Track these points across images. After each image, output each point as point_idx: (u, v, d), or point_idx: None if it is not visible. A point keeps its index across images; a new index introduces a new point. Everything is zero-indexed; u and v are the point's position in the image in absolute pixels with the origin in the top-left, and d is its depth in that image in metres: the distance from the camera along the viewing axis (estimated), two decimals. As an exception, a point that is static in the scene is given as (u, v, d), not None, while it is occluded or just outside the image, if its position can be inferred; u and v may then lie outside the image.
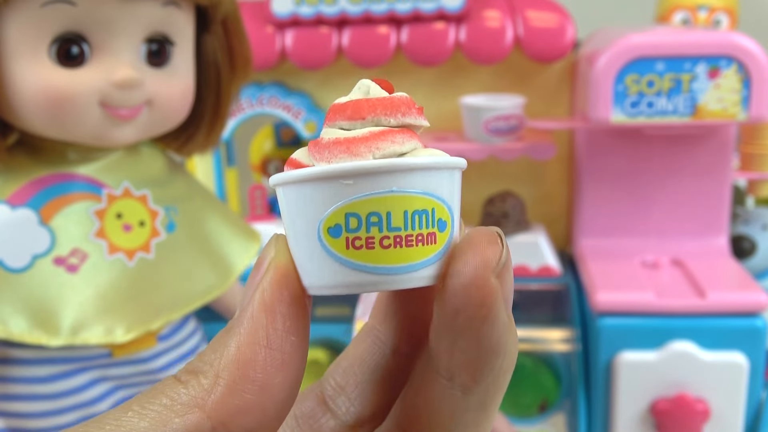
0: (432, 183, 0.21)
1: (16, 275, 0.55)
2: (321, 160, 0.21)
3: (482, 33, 0.81)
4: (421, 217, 0.20)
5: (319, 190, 0.20)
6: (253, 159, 1.00)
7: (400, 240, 0.20)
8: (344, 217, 0.20)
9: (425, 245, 0.21)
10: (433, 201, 0.21)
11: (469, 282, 0.20)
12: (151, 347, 0.60)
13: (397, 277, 0.21)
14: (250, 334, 0.20)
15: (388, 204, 0.20)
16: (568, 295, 0.80)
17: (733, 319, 0.70)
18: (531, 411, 0.79)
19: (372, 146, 0.21)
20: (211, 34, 0.60)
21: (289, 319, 0.21)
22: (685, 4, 0.95)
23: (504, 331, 0.20)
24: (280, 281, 0.21)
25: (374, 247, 0.20)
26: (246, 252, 0.65)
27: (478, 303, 0.19)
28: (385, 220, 0.20)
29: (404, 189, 0.20)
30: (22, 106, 0.53)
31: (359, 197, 0.20)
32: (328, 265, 0.21)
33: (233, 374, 0.20)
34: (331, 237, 0.20)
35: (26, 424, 0.58)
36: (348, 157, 0.21)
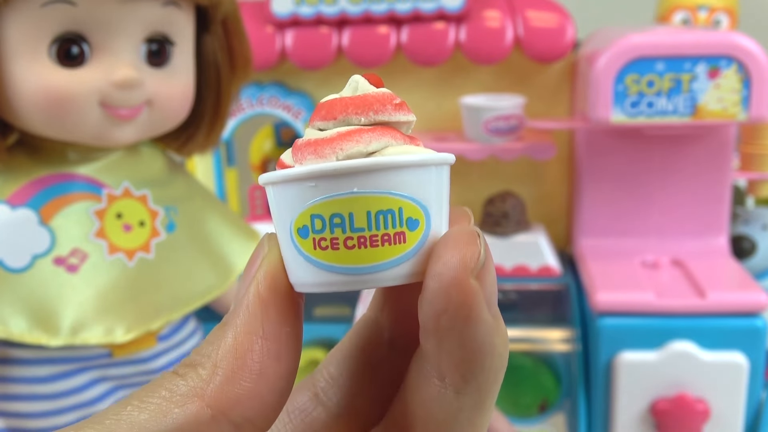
0: (398, 182, 0.20)
1: (16, 275, 0.55)
2: (296, 161, 0.21)
3: (482, 33, 0.81)
4: (386, 216, 0.20)
5: (288, 192, 0.21)
6: (253, 159, 1.00)
7: (364, 240, 0.20)
8: (310, 218, 0.20)
9: (392, 245, 0.20)
10: (400, 200, 0.20)
11: (448, 284, 0.19)
12: (151, 347, 0.60)
13: (365, 277, 0.21)
14: (246, 325, 0.21)
15: (349, 205, 0.20)
16: (568, 295, 0.80)
17: (733, 319, 0.70)
18: (531, 411, 0.79)
19: (336, 147, 0.21)
20: (211, 34, 0.60)
21: (283, 310, 0.21)
22: (685, 4, 0.95)
23: (489, 331, 0.20)
24: (273, 275, 0.22)
25: (339, 248, 0.20)
26: (246, 252, 0.65)
27: (458, 305, 0.19)
28: (348, 221, 0.20)
29: (365, 190, 0.20)
30: (22, 106, 0.53)
31: (321, 199, 0.20)
32: (303, 264, 0.21)
33: (231, 363, 0.21)
34: (301, 237, 0.21)
35: (26, 424, 0.58)
36: (315, 158, 0.21)
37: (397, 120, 0.22)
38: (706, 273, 0.75)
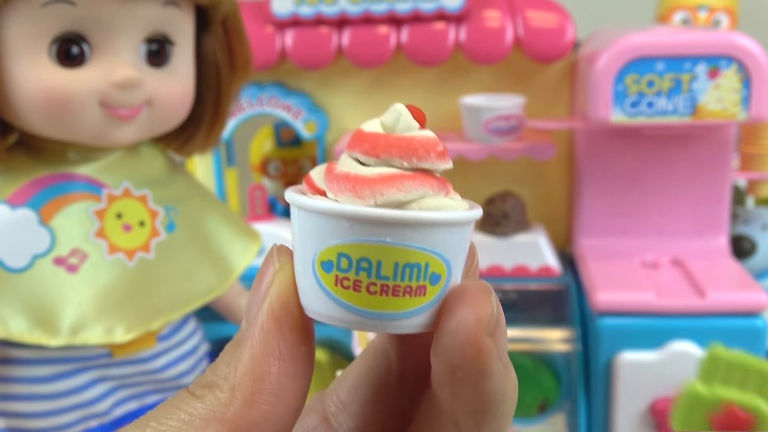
0: (430, 238, 0.20)
1: (16, 275, 0.55)
2: (330, 190, 0.21)
3: (482, 33, 0.81)
4: (412, 269, 0.20)
5: (318, 222, 0.21)
6: (253, 159, 1.00)
7: (387, 289, 0.20)
8: (337, 255, 0.20)
9: (412, 297, 0.21)
10: (428, 255, 0.20)
11: (463, 342, 0.20)
12: (151, 347, 0.60)
13: (380, 322, 0.21)
14: (262, 346, 0.21)
15: (379, 253, 0.20)
16: (568, 295, 0.80)
17: (733, 319, 0.70)
18: (531, 411, 0.79)
19: (376, 191, 0.20)
20: (211, 34, 0.60)
21: (298, 330, 0.21)
22: (685, 4, 0.95)
23: (502, 382, 0.21)
24: (286, 294, 0.22)
25: (361, 290, 0.20)
26: (246, 252, 0.65)
27: (473, 361, 0.20)
28: (375, 267, 0.20)
29: (398, 241, 0.20)
30: (22, 106, 0.53)
31: (353, 241, 0.20)
32: (319, 295, 0.21)
33: (250, 387, 0.21)
34: (324, 271, 0.21)
35: (26, 424, 0.58)
36: (352, 196, 0.20)
37: (437, 168, 0.22)
38: (706, 273, 0.75)
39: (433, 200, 0.21)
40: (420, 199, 0.21)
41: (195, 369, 0.65)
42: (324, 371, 0.82)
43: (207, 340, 0.68)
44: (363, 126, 0.22)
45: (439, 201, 0.21)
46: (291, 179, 0.99)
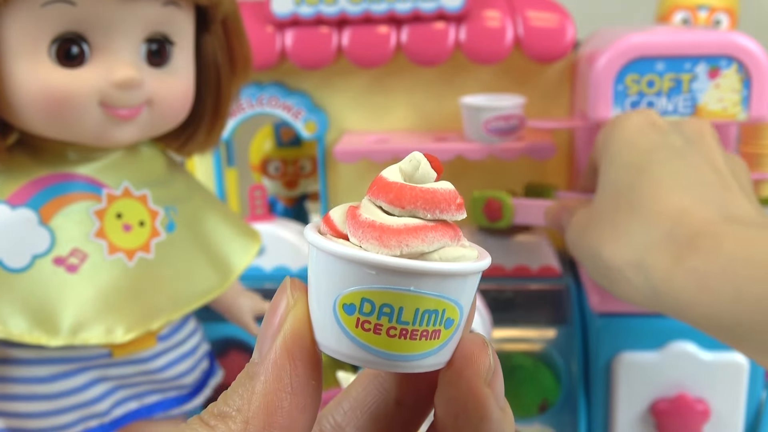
0: (450, 287, 0.22)
1: (15, 275, 0.55)
2: (353, 236, 0.22)
3: (482, 33, 0.81)
4: (430, 316, 0.22)
5: (343, 267, 0.22)
6: (253, 159, 1.00)
7: (406, 333, 0.22)
8: (360, 300, 0.22)
9: (428, 340, 0.22)
10: (445, 302, 0.22)
11: (465, 393, 0.23)
12: (151, 347, 0.60)
13: (396, 363, 0.22)
14: (275, 381, 0.22)
15: (402, 300, 0.21)
16: (568, 295, 0.80)
17: (733, 319, 0.70)
18: (531, 411, 0.79)
19: (402, 242, 0.21)
20: (211, 34, 0.60)
21: (309, 364, 0.22)
22: (685, 4, 0.95)
23: (499, 423, 0.23)
24: (301, 330, 0.22)
25: (381, 333, 0.22)
26: (246, 252, 0.65)
27: (473, 409, 0.23)
28: (396, 313, 0.21)
29: (420, 290, 0.21)
30: (21, 106, 0.53)
31: (377, 288, 0.21)
32: (337, 334, 0.22)
33: (263, 420, 0.21)
34: (345, 313, 0.22)
35: (26, 424, 0.58)
36: (378, 245, 0.22)
37: (454, 219, 0.23)
38: (706, 273, 0.75)
39: (451, 251, 0.22)
40: (440, 249, 0.22)
41: (195, 369, 0.65)
42: (326, 372, 0.82)
43: (207, 340, 0.68)
44: (384, 174, 0.23)
45: (456, 251, 0.23)
46: (291, 179, 0.99)
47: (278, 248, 0.83)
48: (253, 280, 0.79)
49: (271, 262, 0.83)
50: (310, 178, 0.99)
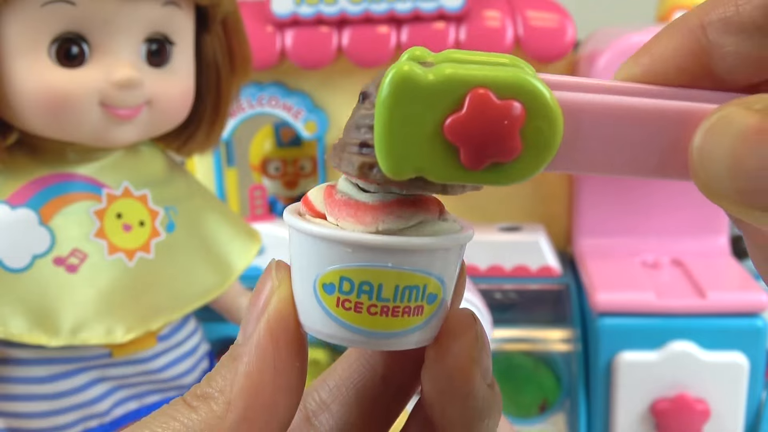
0: (429, 262, 0.21)
1: (15, 275, 0.55)
2: (330, 214, 0.22)
3: (482, 33, 0.81)
4: (411, 291, 0.21)
5: (320, 246, 0.21)
6: (253, 159, 1.00)
7: (387, 310, 0.21)
8: (338, 279, 0.21)
9: (410, 316, 0.21)
10: (426, 278, 0.21)
11: (451, 369, 0.22)
12: (151, 347, 0.60)
13: (380, 341, 0.22)
14: (258, 362, 0.21)
15: (381, 277, 0.21)
16: (568, 295, 0.80)
17: (733, 319, 0.70)
18: (531, 411, 0.79)
19: (378, 218, 0.21)
20: (211, 34, 0.60)
21: (293, 345, 0.22)
22: (685, 4, 0.95)
23: (485, 399, 0.22)
24: (283, 312, 0.22)
25: (362, 311, 0.21)
26: (246, 252, 0.65)
27: (460, 386, 0.22)
28: (376, 290, 0.21)
29: (398, 266, 0.21)
30: (22, 106, 0.53)
31: (355, 265, 0.21)
32: (319, 314, 0.22)
33: (245, 401, 0.21)
34: (325, 293, 0.21)
35: (26, 424, 0.58)
36: (353, 222, 0.21)
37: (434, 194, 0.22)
38: (706, 273, 0.75)
39: (430, 226, 0.22)
40: (418, 225, 0.21)
41: (195, 369, 0.65)
42: (323, 369, 0.82)
43: (207, 340, 0.68)
44: None
45: (436, 226, 0.22)
46: (291, 179, 0.99)
47: (278, 248, 0.83)
48: (253, 280, 0.78)
49: (271, 262, 0.83)
50: (310, 178, 0.99)
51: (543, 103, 0.18)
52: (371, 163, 0.20)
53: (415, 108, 0.18)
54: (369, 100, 0.21)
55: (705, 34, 0.20)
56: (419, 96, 0.18)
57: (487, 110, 0.18)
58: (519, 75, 0.18)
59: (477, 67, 0.19)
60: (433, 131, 0.19)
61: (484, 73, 0.18)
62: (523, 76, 0.18)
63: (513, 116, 0.18)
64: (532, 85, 0.18)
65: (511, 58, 0.20)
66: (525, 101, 0.18)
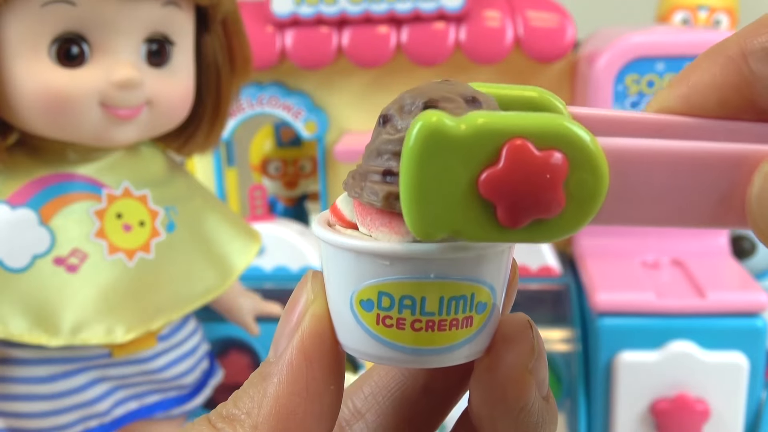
0: (473, 268, 0.19)
1: (16, 275, 0.55)
2: (362, 224, 0.20)
3: (482, 33, 0.81)
4: (458, 302, 0.19)
5: (353, 260, 0.19)
6: (253, 159, 1.00)
7: (433, 324, 0.19)
8: (377, 294, 0.19)
9: (459, 329, 0.20)
10: (474, 286, 0.19)
11: (504, 380, 0.20)
12: (151, 347, 0.60)
13: (426, 358, 0.20)
14: (289, 384, 0.20)
15: (423, 289, 0.19)
16: (568, 295, 0.80)
17: (733, 319, 0.70)
18: (531, 411, 0.79)
19: None
20: (211, 34, 0.60)
21: (328, 367, 0.20)
22: (685, 4, 0.95)
23: (540, 413, 0.21)
24: (319, 330, 0.20)
25: (404, 328, 0.19)
26: (246, 252, 0.65)
27: (514, 398, 0.20)
28: (419, 304, 0.19)
29: (442, 276, 0.19)
30: (22, 106, 0.53)
31: (393, 279, 0.19)
32: (359, 333, 0.20)
33: (272, 426, 0.19)
34: (363, 310, 0.20)
35: (26, 424, 0.58)
36: (388, 231, 0.19)
37: None
38: (706, 273, 0.75)
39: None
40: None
41: (195, 369, 0.65)
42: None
43: (207, 340, 0.68)
44: None
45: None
46: (291, 179, 0.99)
47: (278, 248, 0.83)
48: (253, 280, 0.79)
49: (271, 262, 0.83)
50: (310, 178, 0.99)
51: (587, 152, 0.17)
52: (398, 194, 0.18)
53: (446, 163, 0.17)
54: (391, 123, 0.19)
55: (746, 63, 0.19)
56: (450, 150, 0.17)
57: (526, 163, 0.16)
58: (558, 122, 0.17)
59: (511, 115, 0.17)
60: (466, 188, 0.17)
61: (521, 121, 0.17)
62: (562, 123, 0.17)
63: (555, 169, 0.16)
64: (574, 132, 0.16)
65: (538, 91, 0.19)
66: (567, 151, 0.16)
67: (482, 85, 0.19)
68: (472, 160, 0.17)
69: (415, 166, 0.16)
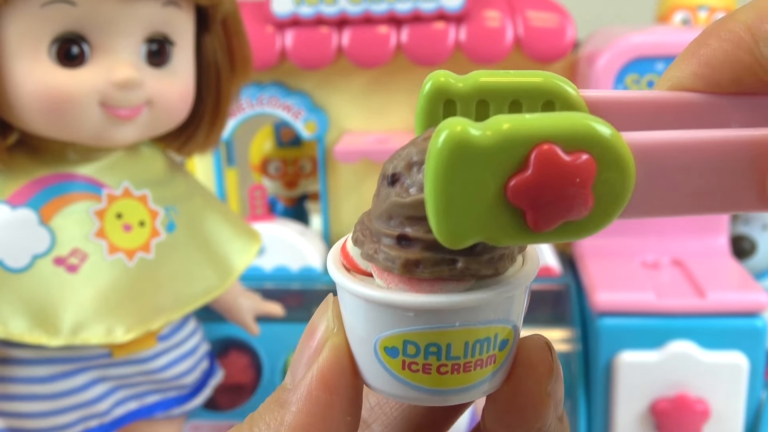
0: (496, 311, 0.19)
1: (16, 275, 0.55)
2: (379, 276, 0.20)
3: (482, 33, 0.81)
4: (482, 344, 0.20)
5: (378, 310, 0.19)
6: (253, 159, 1.00)
7: (458, 367, 0.20)
8: (402, 342, 0.19)
9: (483, 368, 0.20)
10: (497, 327, 0.20)
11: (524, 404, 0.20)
12: (151, 347, 0.60)
13: (452, 396, 0.20)
14: (307, 415, 0.20)
15: (448, 337, 0.19)
16: (568, 295, 0.80)
17: (733, 319, 0.70)
18: (531, 411, 0.79)
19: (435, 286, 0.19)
20: (211, 34, 0.60)
21: (347, 399, 0.20)
22: (685, 4, 0.95)
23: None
24: (339, 361, 0.20)
25: (431, 372, 0.20)
26: (246, 252, 0.65)
27: (533, 419, 0.20)
28: (445, 350, 0.19)
29: (467, 323, 0.19)
30: (22, 106, 0.53)
31: (419, 329, 0.19)
32: (383, 374, 0.20)
33: None
34: (388, 356, 0.20)
35: (26, 424, 0.58)
36: (407, 290, 0.19)
37: None
38: (706, 273, 0.75)
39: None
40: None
41: (195, 369, 0.65)
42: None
43: (207, 340, 0.68)
44: None
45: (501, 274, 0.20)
46: (291, 179, 0.99)
47: (278, 248, 0.83)
48: (253, 280, 0.79)
49: (271, 262, 0.83)
50: (310, 178, 0.99)
51: (614, 152, 0.16)
52: (416, 260, 0.18)
53: (473, 173, 0.16)
54: (400, 183, 0.19)
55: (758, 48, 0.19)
56: (477, 159, 0.16)
57: (555, 168, 0.16)
58: (584, 123, 0.16)
59: (536, 118, 0.16)
60: (494, 195, 0.17)
61: (547, 124, 0.16)
62: (588, 123, 0.16)
63: (584, 172, 0.16)
64: (601, 133, 0.16)
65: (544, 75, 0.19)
66: (594, 152, 0.16)
67: (487, 73, 0.19)
68: (500, 167, 0.16)
69: (441, 178, 0.16)
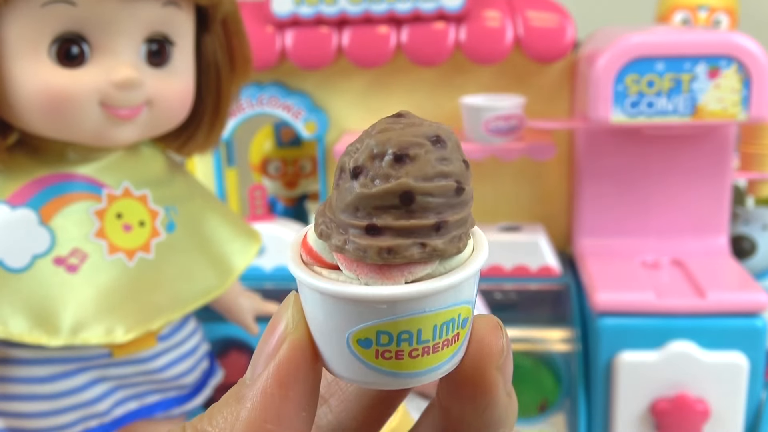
0: (458, 293, 0.21)
1: (16, 275, 0.55)
2: (348, 269, 0.20)
3: (482, 33, 0.81)
4: (448, 325, 0.21)
5: (350, 306, 0.20)
6: (253, 159, 1.00)
7: (428, 349, 0.21)
8: (375, 333, 0.20)
9: (449, 347, 0.21)
10: (460, 308, 0.21)
11: (474, 379, 0.21)
12: (151, 347, 0.60)
13: (423, 377, 0.21)
14: (262, 410, 0.20)
15: (419, 323, 0.20)
16: (568, 295, 0.80)
17: (733, 319, 0.70)
18: (531, 411, 0.79)
19: (405, 271, 0.20)
20: (211, 34, 0.60)
21: (303, 394, 0.21)
22: (685, 4, 0.95)
23: (504, 410, 0.22)
24: (296, 358, 0.21)
25: (403, 358, 0.20)
26: (246, 252, 0.65)
27: (482, 395, 0.21)
28: (416, 336, 0.20)
29: (435, 308, 0.20)
30: (22, 106, 0.53)
31: (392, 319, 0.20)
32: (355, 365, 0.21)
33: None
34: (361, 348, 0.20)
35: (26, 424, 0.58)
36: (380, 278, 0.20)
37: None
38: (706, 273, 0.75)
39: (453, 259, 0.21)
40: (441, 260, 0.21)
41: (195, 369, 0.65)
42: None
43: (207, 340, 0.68)
44: None
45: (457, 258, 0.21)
46: (291, 179, 0.99)
47: (278, 248, 0.83)
48: (253, 280, 0.79)
49: (271, 262, 0.83)
50: (310, 178, 0.99)
51: None
52: (388, 247, 0.19)
53: None
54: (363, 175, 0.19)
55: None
56: None
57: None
58: None
59: None
60: None
61: None
62: None
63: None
64: None
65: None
66: None
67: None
68: None
69: None
